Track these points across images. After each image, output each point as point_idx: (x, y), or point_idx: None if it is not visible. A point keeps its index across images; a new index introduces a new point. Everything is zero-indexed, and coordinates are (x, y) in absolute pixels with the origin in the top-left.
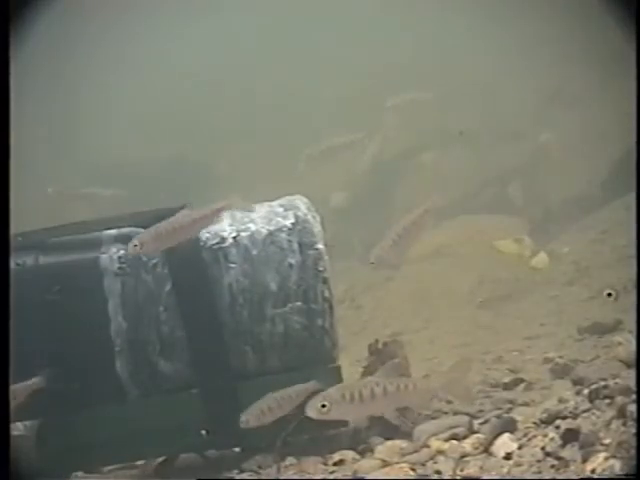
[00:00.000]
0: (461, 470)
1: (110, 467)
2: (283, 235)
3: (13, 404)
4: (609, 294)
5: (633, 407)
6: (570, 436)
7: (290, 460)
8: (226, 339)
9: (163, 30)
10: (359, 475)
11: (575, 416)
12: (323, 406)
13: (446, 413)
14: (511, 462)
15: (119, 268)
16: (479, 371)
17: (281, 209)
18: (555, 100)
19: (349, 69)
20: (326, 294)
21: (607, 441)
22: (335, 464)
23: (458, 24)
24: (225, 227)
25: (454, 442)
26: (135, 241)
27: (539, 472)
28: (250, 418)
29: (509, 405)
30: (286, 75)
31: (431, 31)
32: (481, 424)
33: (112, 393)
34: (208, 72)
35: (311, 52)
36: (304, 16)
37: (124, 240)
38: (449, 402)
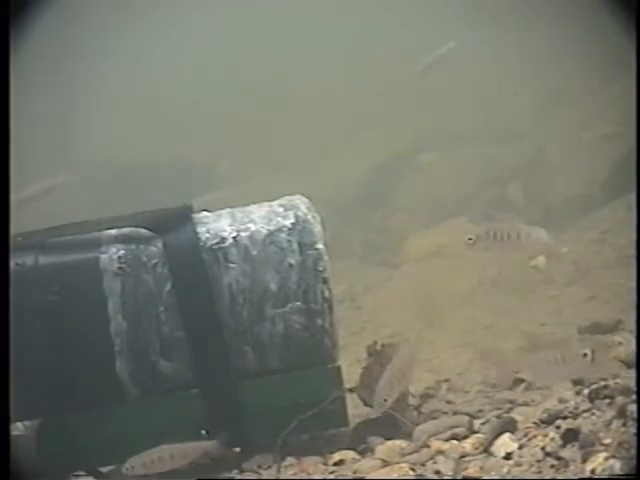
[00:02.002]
0: (462, 470)
1: (110, 467)
2: (283, 235)
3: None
4: (469, 238)
5: (633, 407)
6: (570, 436)
7: (290, 460)
8: (226, 339)
9: (163, 29)
10: (359, 475)
11: (575, 416)
12: None
13: (446, 413)
14: (511, 462)
15: (119, 268)
16: (479, 371)
17: (281, 209)
18: (555, 100)
19: (348, 69)
20: (326, 294)
21: (607, 441)
22: (335, 464)
23: (458, 23)
24: (225, 227)
25: (454, 442)
26: None
27: (539, 472)
28: (136, 465)
29: (509, 405)
30: (287, 75)
31: (432, 30)
32: (481, 424)
33: (112, 393)
34: (209, 72)
35: (312, 52)
36: (305, 15)
37: (124, 240)
38: (449, 402)
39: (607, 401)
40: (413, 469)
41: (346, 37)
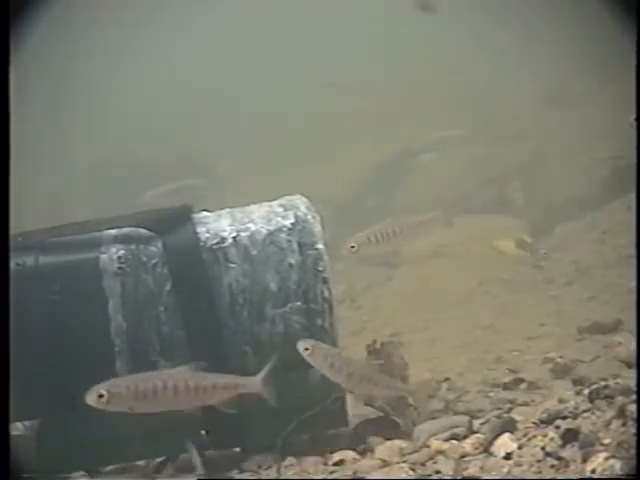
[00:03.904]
0: (462, 470)
1: (110, 467)
2: (283, 235)
3: None
4: (352, 246)
5: (633, 407)
6: (570, 436)
7: (290, 460)
8: (226, 339)
9: (164, 30)
10: (359, 475)
11: (575, 416)
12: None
13: (446, 413)
14: (511, 462)
15: (119, 268)
16: (479, 371)
17: (281, 209)
18: (555, 100)
19: (348, 69)
20: (326, 294)
21: (607, 441)
22: (335, 464)
23: (458, 24)
24: (225, 227)
25: (454, 442)
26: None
27: (539, 472)
28: None
29: (509, 405)
30: (287, 76)
31: (432, 31)
32: (481, 424)
33: None
34: (209, 73)
35: (312, 54)
36: (306, 16)
37: (124, 240)
38: (449, 402)
39: (607, 401)
40: (413, 469)
41: (346, 37)
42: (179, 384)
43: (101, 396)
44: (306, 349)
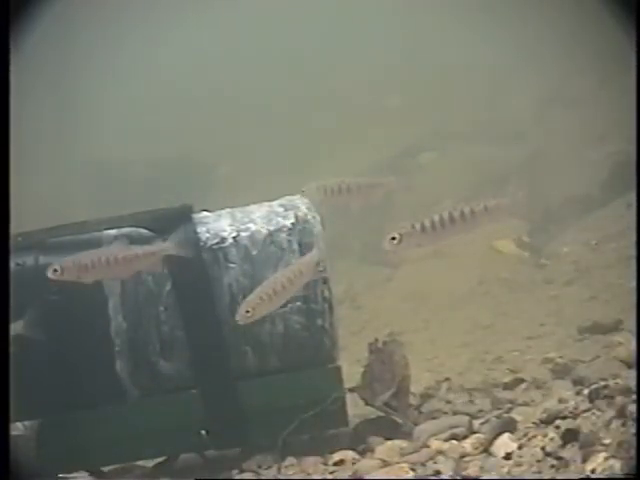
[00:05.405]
0: (462, 470)
1: (110, 467)
2: (283, 235)
3: None
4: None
5: (633, 407)
6: (570, 436)
7: (290, 460)
8: (226, 339)
9: (163, 30)
10: (359, 475)
11: (575, 416)
12: None
13: (446, 413)
14: (511, 462)
15: None
16: (479, 371)
17: (281, 209)
18: (555, 100)
19: (348, 69)
20: (326, 294)
21: (607, 441)
22: (335, 464)
23: (458, 24)
24: (225, 227)
25: (454, 442)
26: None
27: (539, 472)
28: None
29: (509, 405)
30: (286, 75)
31: (431, 31)
32: (481, 424)
33: (112, 393)
34: (208, 72)
35: (313, 53)
36: (304, 16)
37: (124, 240)
38: (449, 402)
39: (607, 401)
40: (413, 469)
41: (346, 38)
42: (111, 256)
43: (55, 270)
44: None
